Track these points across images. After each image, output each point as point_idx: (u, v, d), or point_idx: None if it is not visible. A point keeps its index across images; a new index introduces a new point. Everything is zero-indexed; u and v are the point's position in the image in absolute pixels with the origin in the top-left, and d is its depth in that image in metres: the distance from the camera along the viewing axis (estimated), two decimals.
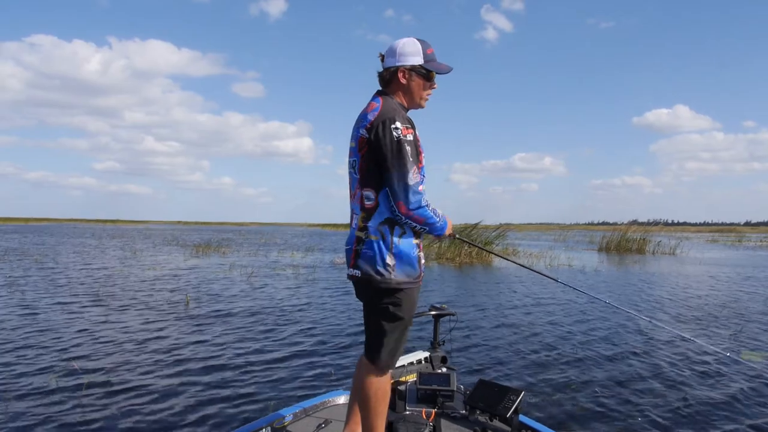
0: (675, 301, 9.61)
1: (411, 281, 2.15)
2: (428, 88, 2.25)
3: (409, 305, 2.19)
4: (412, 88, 2.22)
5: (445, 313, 3.47)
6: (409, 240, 2.14)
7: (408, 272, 2.14)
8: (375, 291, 2.14)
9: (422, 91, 2.23)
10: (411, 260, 2.14)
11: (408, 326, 2.24)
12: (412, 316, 2.23)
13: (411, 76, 2.20)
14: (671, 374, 4.97)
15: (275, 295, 9.65)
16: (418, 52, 2.18)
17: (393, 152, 2.04)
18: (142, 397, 4.11)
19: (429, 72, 2.21)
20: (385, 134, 2.05)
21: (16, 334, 6.05)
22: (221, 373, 4.76)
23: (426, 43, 2.22)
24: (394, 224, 2.12)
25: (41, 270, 13.24)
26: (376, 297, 2.15)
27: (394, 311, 2.15)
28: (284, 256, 20.35)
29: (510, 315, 8.01)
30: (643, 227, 25.76)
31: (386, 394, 2.26)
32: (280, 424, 2.65)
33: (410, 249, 2.14)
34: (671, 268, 16.96)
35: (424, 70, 2.20)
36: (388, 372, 2.27)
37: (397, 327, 2.19)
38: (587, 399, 4.26)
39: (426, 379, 2.95)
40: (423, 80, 2.21)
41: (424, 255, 2.26)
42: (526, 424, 2.68)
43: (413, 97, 2.24)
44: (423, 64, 2.19)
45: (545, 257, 19.18)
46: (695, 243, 34.99)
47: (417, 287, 2.21)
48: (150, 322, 6.92)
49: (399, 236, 2.12)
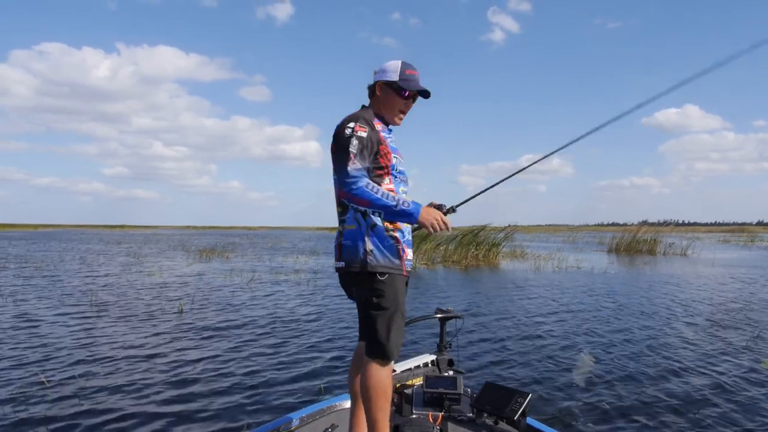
0: (689, 304, 9.24)
1: (391, 267, 2.24)
2: (402, 106, 2.42)
3: (393, 292, 2.24)
4: (386, 102, 2.41)
5: (451, 316, 3.48)
6: (381, 228, 2.25)
7: (387, 258, 2.24)
8: (357, 279, 2.25)
9: (395, 107, 2.41)
10: (389, 247, 2.26)
11: (397, 315, 2.25)
12: (400, 306, 2.26)
13: (386, 91, 2.40)
14: (684, 379, 4.79)
15: (278, 299, 9.40)
16: (396, 70, 2.38)
17: (339, 144, 2.24)
18: (138, 407, 3.88)
19: (401, 89, 2.38)
20: (339, 131, 2.26)
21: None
22: (222, 380, 4.54)
23: (410, 66, 2.41)
24: (365, 215, 2.25)
25: (40, 277, 13.08)
26: (360, 285, 2.26)
27: (377, 301, 2.22)
28: (287, 260, 20.10)
29: (516, 318, 7.87)
30: (653, 228, 25.41)
31: (386, 389, 2.26)
32: (287, 428, 2.66)
33: (384, 237, 2.25)
34: (684, 269, 16.52)
35: (397, 86, 2.37)
36: (388, 365, 2.27)
37: (383, 315, 2.23)
38: (595, 401, 4.20)
39: (433, 383, 2.94)
40: (396, 96, 2.39)
41: (411, 253, 2.36)
42: (533, 426, 2.67)
43: (388, 111, 2.42)
44: (397, 81, 2.37)
45: (554, 259, 18.79)
46: (707, 243, 34.41)
47: (400, 276, 2.27)
48: (141, 329, 6.67)
49: (373, 224, 2.24)
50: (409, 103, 2.44)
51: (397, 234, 2.30)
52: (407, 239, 2.36)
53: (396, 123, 2.46)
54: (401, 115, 2.45)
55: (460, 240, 19.10)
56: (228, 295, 10.00)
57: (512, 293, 10.63)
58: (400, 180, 2.39)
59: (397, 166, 2.37)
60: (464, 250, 18.64)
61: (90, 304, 8.73)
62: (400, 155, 2.41)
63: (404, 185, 2.42)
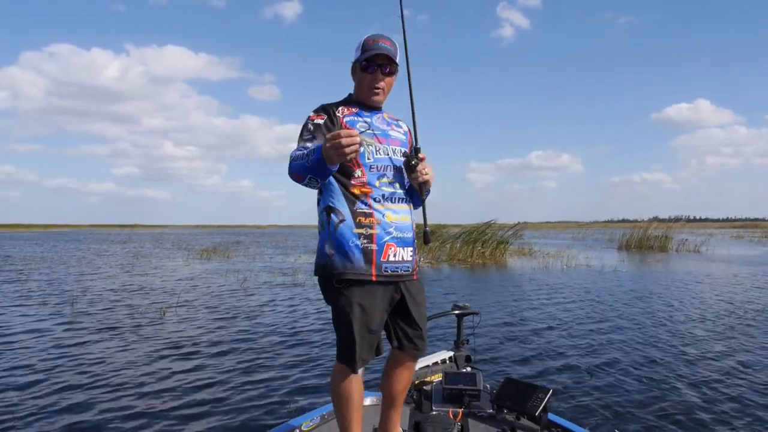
0: (709, 302, 8.68)
1: (350, 272, 2.03)
2: (370, 81, 2.18)
3: (347, 301, 2.04)
4: (357, 83, 2.24)
5: (468, 312, 3.47)
6: (347, 227, 2.05)
7: (347, 262, 2.04)
8: (319, 281, 2.14)
9: (363, 84, 2.20)
10: (350, 249, 2.04)
11: (354, 324, 2.03)
12: (361, 315, 2.04)
13: (354, 71, 2.23)
14: (705, 378, 4.67)
15: (270, 301, 8.95)
16: (359, 47, 2.18)
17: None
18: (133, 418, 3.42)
19: (361, 63, 2.16)
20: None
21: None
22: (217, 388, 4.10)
23: (375, 36, 2.17)
24: (331, 211, 2.08)
25: (24, 280, 12.73)
26: (322, 287, 2.15)
27: (334, 308, 2.10)
28: (289, 259, 19.69)
29: (529, 314, 7.74)
30: (664, 224, 24.89)
31: (347, 397, 2.10)
32: (308, 426, 2.64)
33: (348, 237, 2.04)
34: (698, 267, 15.88)
35: (358, 62, 2.18)
36: (348, 374, 2.09)
37: (339, 321, 2.08)
38: (617, 397, 4.14)
39: (452, 379, 2.92)
40: (362, 72, 2.18)
41: (408, 252, 2.14)
42: (555, 422, 2.61)
43: (361, 92, 2.23)
44: (359, 56, 2.17)
45: (562, 257, 18.18)
46: (720, 240, 33.67)
47: (361, 285, 2.04)
48: (123, 333, 6.24)
49: (336, 224, 2.06)
50: (377, 75, 2.17)
51: (376, 231, 2.05)
52: (397, 237, 2.10)
53: (375, 102, 2.23)
54: (375, 91, 2.19)
55: (466, 238, 18.61)
56: (218, 297, 9.57)
57: (522, 290, 10.28)
58: (376, 171, 2.11)
59: (369, 155, 2.11)
60: (470, 248, 18.12)
61: (68, 303, 8.31)
62: (381, 141, 2.16)
63: (385, 177, 2.13)
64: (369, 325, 2.06)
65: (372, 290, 2.06)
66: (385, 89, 2.21)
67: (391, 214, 2.09)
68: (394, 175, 2.14)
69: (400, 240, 2.11)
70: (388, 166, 2.14)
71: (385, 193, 2.10)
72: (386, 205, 2.09)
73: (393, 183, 2.14)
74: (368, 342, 2.07)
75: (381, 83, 2.18)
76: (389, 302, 2.13)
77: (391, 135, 2.22)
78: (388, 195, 2.11)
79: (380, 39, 2.15)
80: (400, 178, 2.16)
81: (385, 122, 2.25)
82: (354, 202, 2.06)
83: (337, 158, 1.80)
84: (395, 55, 2.16)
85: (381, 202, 2.09)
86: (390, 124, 2.27)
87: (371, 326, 2.06)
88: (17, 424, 3.60)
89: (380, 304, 2.08)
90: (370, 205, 2.07)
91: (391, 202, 2.11)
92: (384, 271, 2.06)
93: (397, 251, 2.09)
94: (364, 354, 2.07)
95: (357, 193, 2.07)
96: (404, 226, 2.13)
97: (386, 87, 2.21)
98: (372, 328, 2.07)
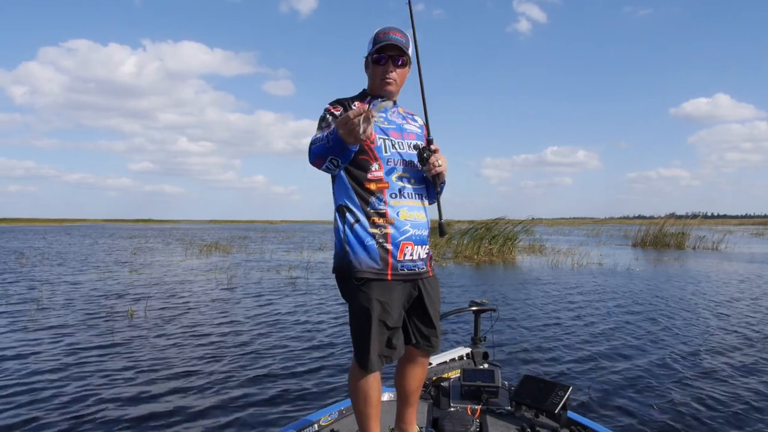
0: (732, 309, 7.96)
1: (368, 271, 2.02)
2: (381, 73, 2.17)
3: (366, 297, 2.01)
4: (370, 77, 2.24)
5: (486, 309, 3.44)
6: (361, 228, 2.05)
7: (363, 261, 2.03)
8: (337, 279, 2.14)
9: (375, 77, 2.19)
10: (366, 249, 2.03)
11: (371, 322, 2.00)
12: (380, 312, 2.01)
13: (368, 65, 2.23)
14: (729, 378, 4.58)
15: (258, 300, 8.41)
16: (371, 40, 2.18)
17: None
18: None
19: (375, 54, 2.15)
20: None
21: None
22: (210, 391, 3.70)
23: (386, 28, 2.17)
24: (345, 211, 2.09)
25: (13, 273, 12.31)
26: (339, 285, 2.14)
27: (351, 305, 2.09)
28: (291, 255, 19.17)
29: (545, 311, 7.70)
30: (681, 220, 24.06)
31: (365, 394, 2.09)
32: (326, 421, 2.63)
33: (363, 238, 2.04)
34: (717, 266, 15.05)
35: (369, 56, 2.19)
36: (366, 373, 2.07)
37: (354, 319, 2.08)
38: (637, 395, 4.12)
39: (470, 376, 2.91)
40: (374, 64, 2.18)
41: (422, 250, 2.12)
42: (575, 420, 2.59)
43: (374, 86, 2.22)
44: (370, 49, 2.17)
45: (574, 254, 17.42)
46: (739, 237, 32.64)
47: (379, 282, 2.03)
48: (104, 333, 5.70)
49: (351, 224, 2.06)
50: (388, 66, 2.15)
51: (390, 231, 2.04)
52: (413, 235, 2.08)
53: (388, 93, 2.19)
54: (387, 81, 2.16)
55: (473, 234, 17.93)
56: (206, 294, 9.05)
57: (533, 287, 10.00)
58: (393, 165, 2.10)
59: (386, 149, 2.11)
60: (477, 244, 17.43)
61: (35, 300, 7.84)
62: (396, 135, 2.16)
63: (401, 171, 2.11)
64: (387, 321, 2.04)
65: (391, 287, 2.05)
66: (398, 80, 2.18)
67: (406, 211, 2.07)
68: (410, 169, 2.14)
69: (416, 238, 2.09)
70: (404, 161, 2.13)
71: (402, 188, 2.09)
72: (401, 201, 2.07)
73: (409, 178, 2.13)
74: (385, 339, 2.06)
75: (392, 73, 2.15)
76: (407, 299, 2.12)
77: (406, 129, 2.21)
78: (405, 190, 2.09)
79: (391, 31, 2.15)
80: (416, 173, 2.15)
81: (401, 116, 2.24)
82: (368, 200, 2.05)
83: (351, 136, 1.78)
84: (406, 46, 2.14)
85: (397, 197, 2.07)
86: (405, 117, 2.26)
87: (389, 322, 2.04)
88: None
89: (398, 301, 2.07)
90: (385, 202, 2.05)
91: (407, 198, 2.09)
92: (400, 270, 2.06)
93: (414, 249, 2.09)
94: (382, 351, 2.06)
95: (373, 188, 2.05)
96: (419, 223, 2.11)
97: (399, 78, 2.18)
98: (389, 324, 2.04)
